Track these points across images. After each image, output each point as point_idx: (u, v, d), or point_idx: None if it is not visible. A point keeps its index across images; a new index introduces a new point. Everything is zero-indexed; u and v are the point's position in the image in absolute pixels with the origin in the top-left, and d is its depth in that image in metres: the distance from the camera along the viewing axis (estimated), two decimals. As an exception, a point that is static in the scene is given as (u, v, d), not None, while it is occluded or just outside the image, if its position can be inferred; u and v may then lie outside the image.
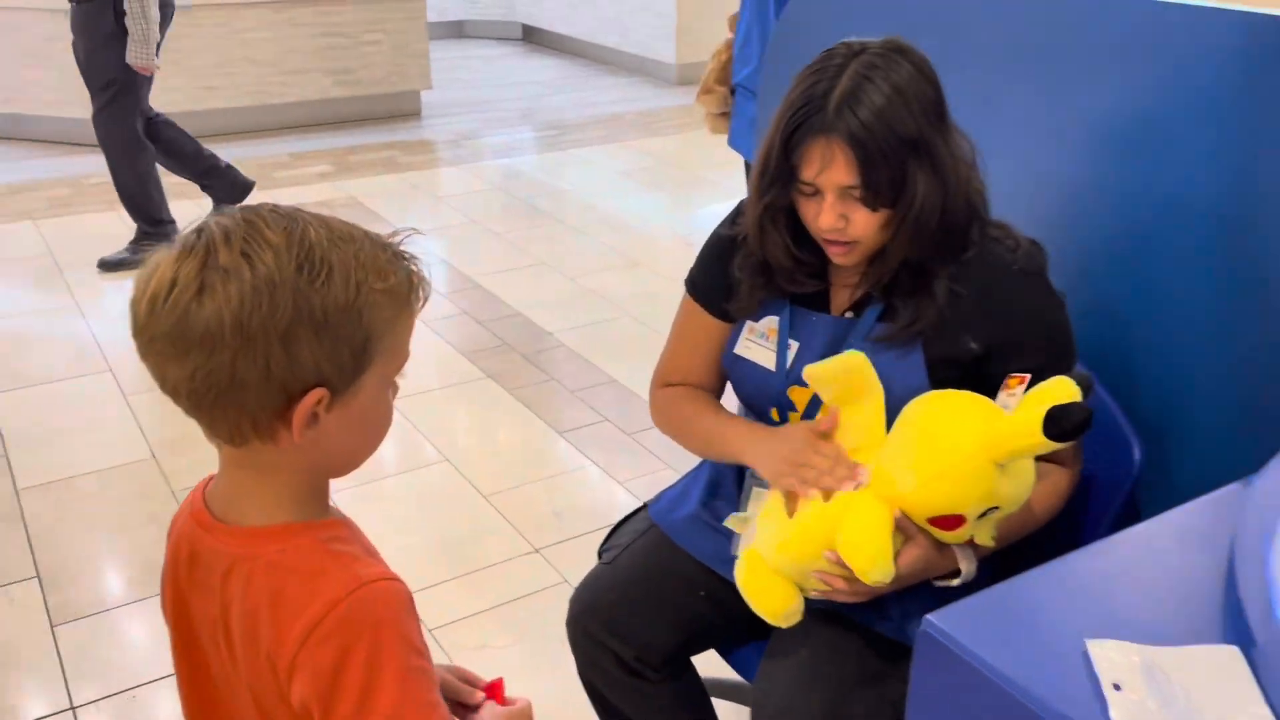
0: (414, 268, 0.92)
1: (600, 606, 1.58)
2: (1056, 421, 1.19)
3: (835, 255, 1.43)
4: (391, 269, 0.88)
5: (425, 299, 0.92)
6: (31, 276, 4.38)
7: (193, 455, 3.07)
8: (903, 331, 1.41)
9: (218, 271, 0.81)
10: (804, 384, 1.46)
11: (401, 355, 0.92)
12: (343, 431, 0.89)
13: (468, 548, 2.72)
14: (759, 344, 1.54)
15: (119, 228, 4.82)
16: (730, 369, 1.59)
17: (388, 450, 3.19)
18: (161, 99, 6.06)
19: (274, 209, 0.87)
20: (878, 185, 1.33)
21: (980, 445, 1.24)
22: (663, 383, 1.69)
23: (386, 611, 0.86)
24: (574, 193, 5.61)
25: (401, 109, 6.95)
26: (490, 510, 2.88)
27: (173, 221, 4.51)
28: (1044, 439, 1.19)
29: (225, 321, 0.80)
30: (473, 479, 3.02)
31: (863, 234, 1.39)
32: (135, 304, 0.84)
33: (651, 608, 1.57)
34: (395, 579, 0.88)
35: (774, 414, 1.53)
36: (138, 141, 4.36)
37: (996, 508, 1.28)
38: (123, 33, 4.11)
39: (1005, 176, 1.53)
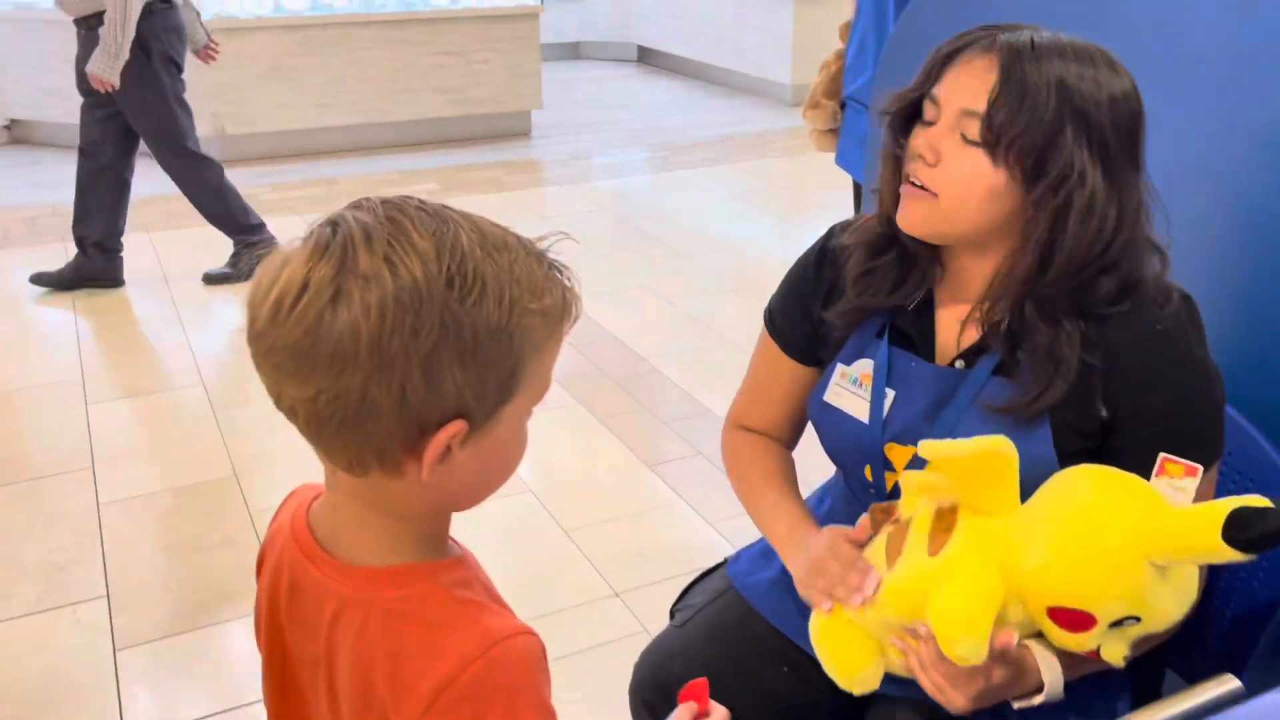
0: (568, 283, 0.79)
1: (665, 677, 1.39)
2: (1243, 525, 0.94)
3: (904, 204, 1.20)
4: (548, 286, 0.76)
5: (576, 318, 0.80)
6: (139, 288, 4.43)
7: (274, 476, 3.00)
8: (1027, 407, 1.17)
9: (357, 278, 0.69)
10: (905, 441, 1.24)
11: (545, 382, 0.80)
12: (475, 466, 0.77)
13: (543, 586, 2.55)
14: (851, 391, 1.32)
15: (217, 238, 4.86)
16: (818, 419, 1.37)
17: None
18: (275, 116, 6.18)
19: (421, 205, 0.75)
20: (1008, 126, 1.10)
21: (1137, 534, 1.00)
22: (735, 424, 1.50)
23: (523, 673, 0.76)
24: (680, 215, 5.44)
25: (512, 128, 6.92)
26: (571, 546, 2.71)
27: (263, 224, 4.46)
28: (1221, 544, 0.95)
29: (361, 338, 0.68)
30: (555, 511, 2.85)
31: (950, 183, 1.14)
32: (255, 306, 0.72)
33: (724, 683, 1.36)
34: (529, 632, 0.78)
35: (867, 473, 1.31)
36: (197, 157, 4.31)
37: (1138, 618, 1.03)
38: (148, 56, 4.00)
39: (1169, 196, 1.28)
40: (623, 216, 5.40)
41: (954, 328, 1.26)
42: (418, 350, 0.69)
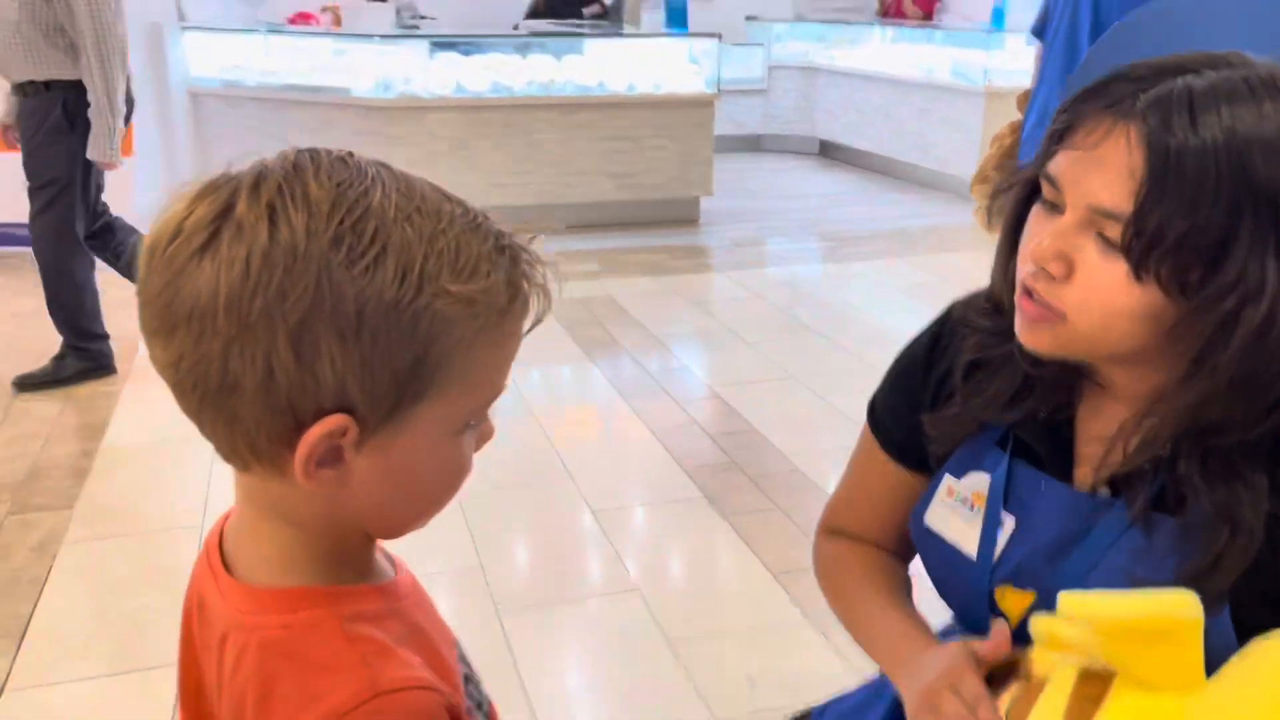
0: (525, 268, 0.67)
1: None
2: None
3: (1023, 319, 0.91)
4: (485, 268, 0.63)
5: (537, 319, 0.68)
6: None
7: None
8: (1197, 579, 0.85)
9: (230, 225, 0.59)
10: (1022, 584, 0.93)
11: (482, 390, 0.67)
12: (378, 483, 0.65)
13: (635, 704, 2.27)
14: (958, 513, 1.02)
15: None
16: (920, 544, 1.08)
17: (573, 563, 2.83)
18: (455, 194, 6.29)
19: (347, 155, 0.65)
20: (1164, 232, 0.79)
21: None
22: (829, 529, 1.22)
23: None
24: (843, 306, 5.15)
25: (680, 214, 6.82)
26: (672, 660, 2.42)
27: (107, 337, 4.04)
28: None
29: (219, 295, 0.58)
30: (661, 617, 2.57)
31: (1084, 303, 0.86)
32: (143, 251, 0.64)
33: None
34: (426, 686, 0.64)
35: (973, 623, 1.01)
36: (75, 247, 3.85)
37: None
38: (71, 128, 3.70)
39: None
40: (782, 305, 5.14)
41: (1098, 444, 0.95)
42: (284, 317, 0.58)
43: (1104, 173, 0.82)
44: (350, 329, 0.59)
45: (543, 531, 3.03)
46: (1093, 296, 0.85)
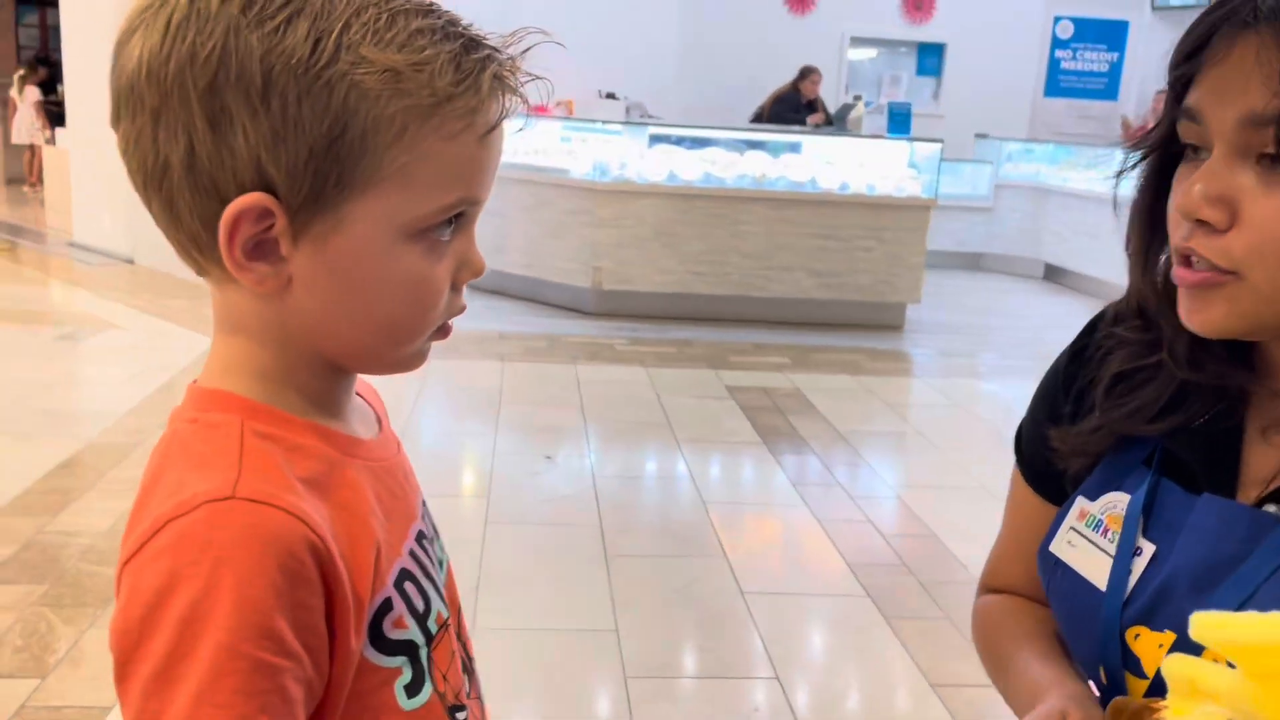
0: (486, 60, 0.61)
1: None
2: None
3: (1186, 295, 0.74)
4: (420, 41, 0.59)
5: (497, 120, 0.62)
6: (471, 406, 4.55)
7: (656, 630, 2.76)
8: None
9: (163, 3, 0.59)
10: (1160, 624, 0.74)
11: (433, 192, 0.61)
12: (322, 285, 0.61)
13: (752, 796, 2.03)
14: (1088, 539, 0.83)
15: (567, 379, 4.92)
16: (1044, 579, 0.88)
17: (712, 640, 2.63)
18: (651, 278, 6.35)
19: None
20: None
21: None
22: (985, 587, 1.04)
23: (244, 549, 0.55)
24: (1051, 425, 4.75)
25: (883, 320, 6.58)
26: (802, 757, 2.17)
27: None
28: None
29: (143, 65, 0.58)
30: (798, 709, 2.33)
31: (1261, 244, 0.69)
32: None
33: None
34: (289, 511, 0.57)
35: (1101, 674, 0.80)
36: None
37: None
38: None
39: None
40: (981, 417, 4.81)
41: (1268, 453, 0.76)
42: (195, 82, 0.57)
43: (1243, 82, 0.68)
44: (258, 93, 0.56)
45: (687, 605, 2.85)
46: (1267, 236, 0.68)
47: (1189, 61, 0.72)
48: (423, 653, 0.66)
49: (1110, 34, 11.14)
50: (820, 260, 6.44)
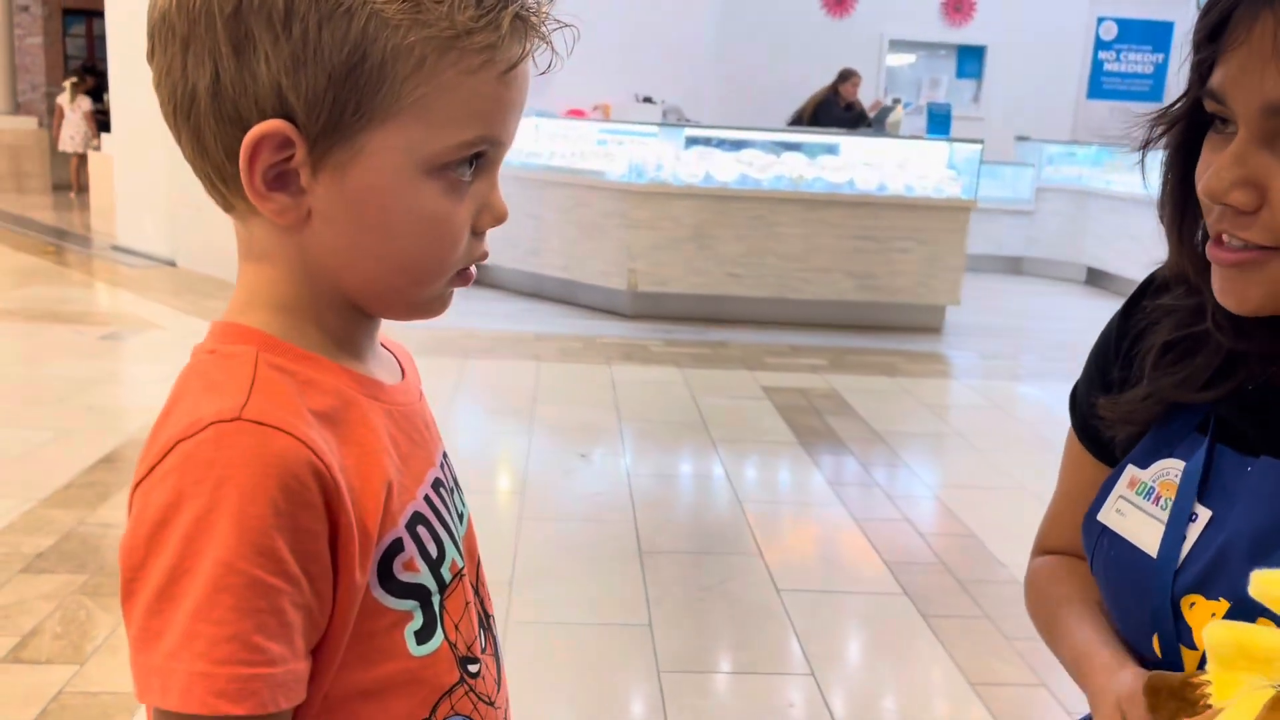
0: (513, 3, 0.61)
1: None
2: None
3: (1220, 274, 0.73)
4: None
5: (516, 61, 0.62)
6: (507, 405, 4.55)
7: (689, 626, 2.74)
8: None
9: None
10: (1214, 592, 0.73)
11: (452, 127, 0.61)
12: (341, 216, 0.61)
13: (787, 791, 2.00)
14: (1139, 507, 0.80)
15: (602, 379, 4.91)
16: (1089, 548, 0.86)
17: (747, 637, 2.60)
18: (687, 280, 6.33)
19: None
20: None
21: None
22: (1039, 549, 1.02)
23: (244, 470, 0.55)
24: (1094, 427, 4.67)
25: (921, 322, 6.51)
26: (838, 753, 2.13)
27: None
28: None
29: None
30: (833, 705, 2.30)
31: None
32: None
33: None
34: (295, 435, 0.57)
35: (1155, 645, 0.77)
36: None
37: None
38: None
39: None
40: (1021, 419, 4.74)
41: None
42: (221, 8, 0.57)
43: (1262, 66, 0.67)
44: (280, 19, 0.57)
45: (721, 601, 2.82)
46: None
47: (1210, 44, 0.70)
48: (435, 599, 0.66)
49: (1155, 35, 10.98)
50: (858, 262, 6.38)
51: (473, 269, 0.66)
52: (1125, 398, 0.83)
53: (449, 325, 5.67)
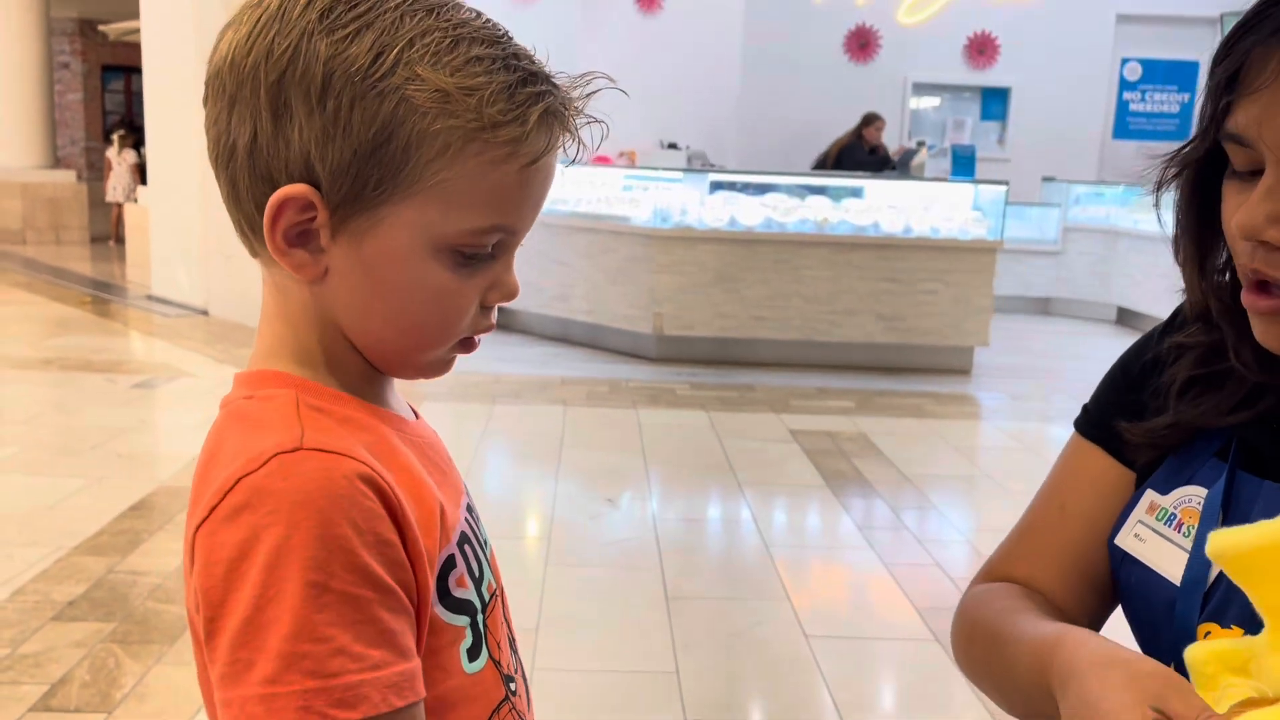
0: (542, 94, 0.63)
1: None
2: None
3: (1260, 320, 0.72)
4: (476, 69, 0.61)
5: (541, 153, 0.63)
6: (533, 450, 4.56)
7: (717, 672, 2.72)
8: None
9: (259, 2, 0.64)
10: (1232, 620, 0.72)
11: (470, 212, 0.63)
12: (354, 279, 0.64)
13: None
14: (1160, 533, 0.79)
15: (629, 423, 4.91)
16: (1114, 575, 0.83)
17: (775, 683, 2.56)
18: (712, 323, 6.33)
19: None
20: None
21: None
22: (987, 576, 0.92)
23: (318, 494, 0.57)
24: (1128, 469, 4.60)
25: (949, 364, 6.47)
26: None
27: None
28: None
29: (228, 54, 0.63)
30: (864, 757, 2.26)
31: None
32: None
33: None
34: (354, 457, 0.60)
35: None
36: None
37: None
38: None
39: None
40: (1052, 460, 4.65)
41: None
42: (266, 75, 0.61)
43: None
44: (316, 93, 0.60)
45: (749, 648, 2.79)
46: None
47: (1230, 88, 0.70)
48: (480, 617, 0.69)
49: (1180, 75, 10.97)
50: (885, 304, 6.37)
51: (478, 338, 0.69)
52: (1150, 424, 0.82)
53: (476, 370, 5.70)
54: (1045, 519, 0.90)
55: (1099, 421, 0.89)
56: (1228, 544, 0.61)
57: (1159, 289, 8.23)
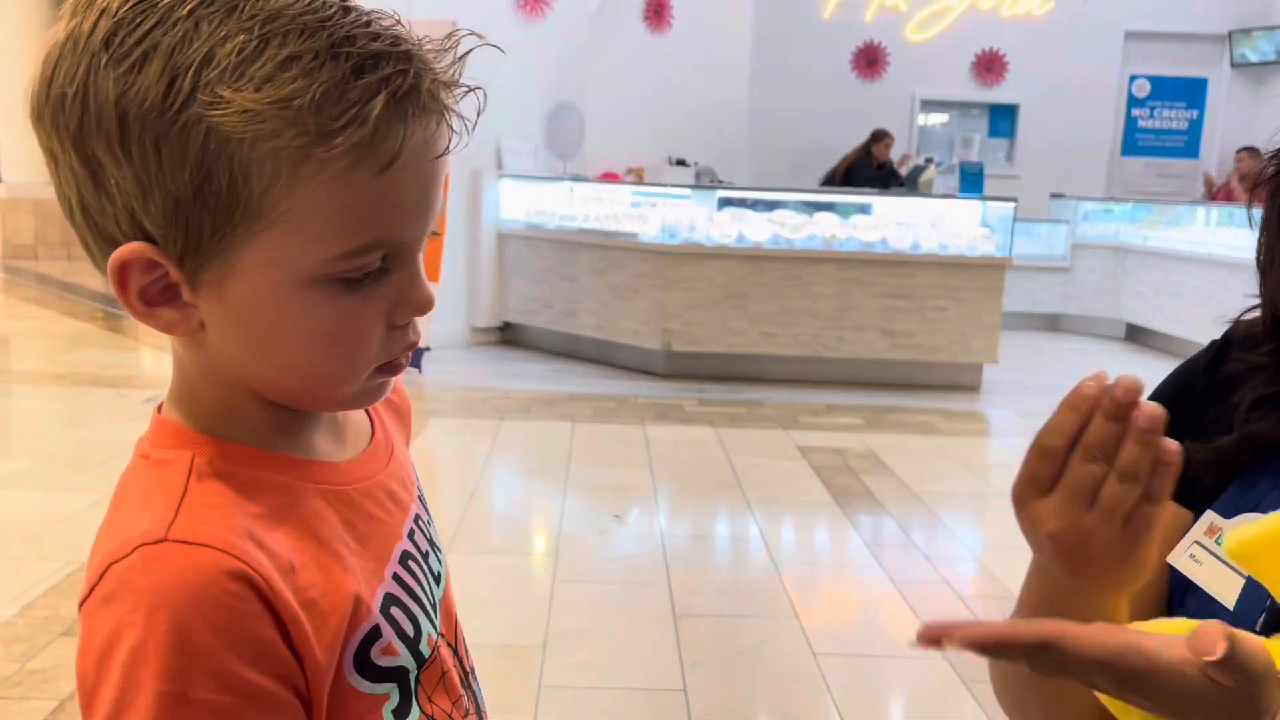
0: (385, 80, 0.53)
1: None
2: None
3: None
4: (288, 74, 0.52)
5: (398, 147, 0.54)
6: (541, 466, 4.56)
7: (725, 690, 2.72)
8: None
9: (55, 30, 0.56)
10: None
11: (332, 236, 0.54)
12: (230, 331, 0.58)
13: None
14: (1216, 554, 0.79)
15: (636, 439, 4.91)
16: (1169, 596, 0.84)
17: (784, 702, 2.55)
18: (720, 339, 6.33)
19: None
20: None
21: None
22: None
23: (177, 595, 0.53)
24: (1138, 486, 4.58)
25: (959, 381, 6.46)
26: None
27: None
28: None
29: (31, 101, 0.56)
30: (872, 776, 2.25)
31: None
32: None
33: None
34: (221, 549, 0.54)
35: None
36: None
37: None
38: None
39: None
40: (1063, 477, 4.65)
41: None
42: (67, 126, 0.54)
43: None
44: (117, 141, 0.52)
45: (757, 665, 2.79)
46: None
47: None
48: (411, 676, 0.64)
49: (1189, 91, 10.98)
50: (893, 320, 6.36)
51: (403, 358, 0.61)
52: (1217, 443, 0.82)
53: (483, 386, 5.72)
54: None
55: None
56: (1243, 538, 0.61)
57: (1168, 306, 8.21)
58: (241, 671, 0.53)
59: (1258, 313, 0.86)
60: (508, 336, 7.28)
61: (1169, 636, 0.57)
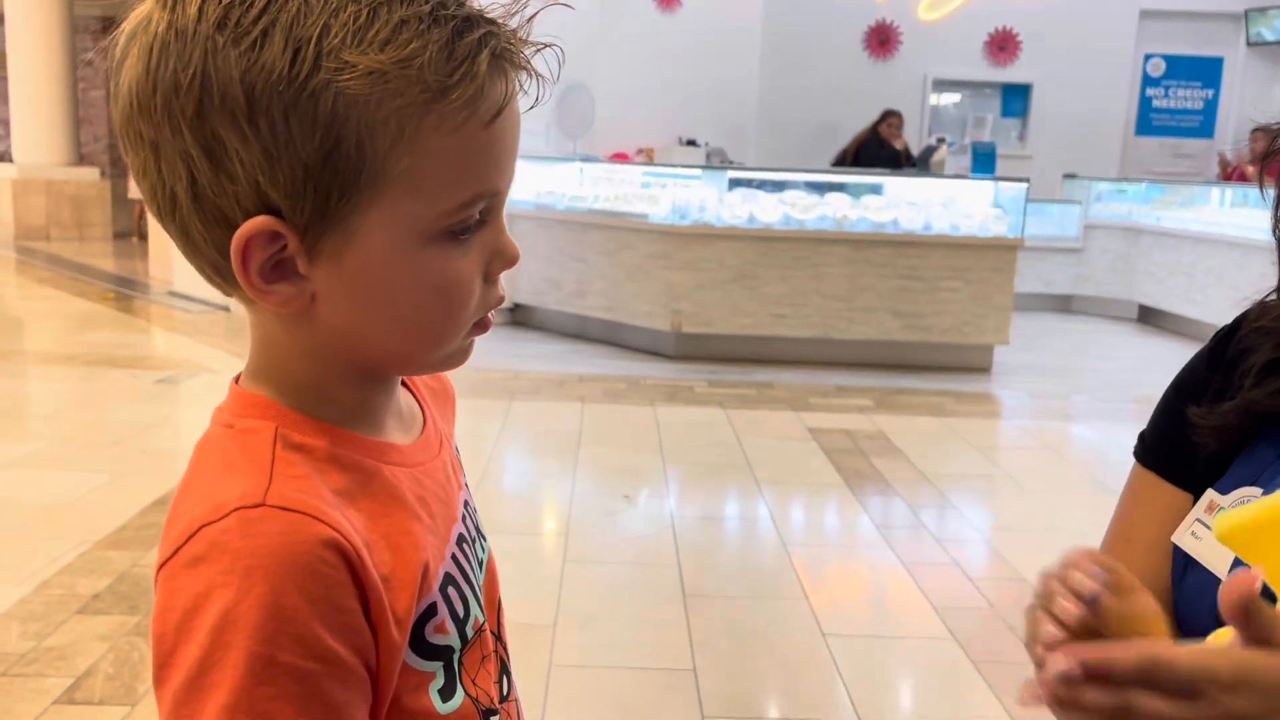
0: (481, 39, 0.57)
1: None
2: None
3: None
4: (404, 35, 0.55)
5: (503, 100, 0.58)
6: (551, 447, 4.57)
7: (734, 670, 2.73)
8: None
9: (141, 24, 0.57)
10: None
11: (446, 190, 0.58)
12: (343, 299, 0.59)
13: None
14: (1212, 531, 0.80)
15: (646, 421, 4.91)
16: (1173, 576, 0.85)
17: (792, 681, 2.56)
18: (731, 321, 6.33)
19: None
20: None
21: None
22: None
23: (273, 559, 0.54)
24: (1149, 468, 4.57)
25: (969, 362, 6.44)
26: (887, 803, 2.09)
27: None
28: None
29: (132, 96, 0.56)
30: (881, 756, 2.26)
31: None
32: None
33: None
34: (318, 517, 0.56)
35: None
36: None
37: None
38: None
39: None
40: (1073, 460, 4.65)
41: None
42: (183, 110, 0.55)
43: None
44: (244, 115, 0.54)
45: (766, 646, 2.79)
46: None
47: None
48: (456, 656, 0.66)
49: (1204, 71, 10.88)
50: (904, 301, 6.34)
51: (490, 316, 0.64)
52: (1219, 409, 0.84)
53: (493, 367, 5.73)
54: (1113, 550, 0.93)
55: (1156, 449, 0.91)
56: (1232, 523, 0.62)
57: (1181, 286, 8.17)
58: (327, 639, 0.55)
59: (1275, 296, 0.86)
60: (518, 317, 7.28)
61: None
